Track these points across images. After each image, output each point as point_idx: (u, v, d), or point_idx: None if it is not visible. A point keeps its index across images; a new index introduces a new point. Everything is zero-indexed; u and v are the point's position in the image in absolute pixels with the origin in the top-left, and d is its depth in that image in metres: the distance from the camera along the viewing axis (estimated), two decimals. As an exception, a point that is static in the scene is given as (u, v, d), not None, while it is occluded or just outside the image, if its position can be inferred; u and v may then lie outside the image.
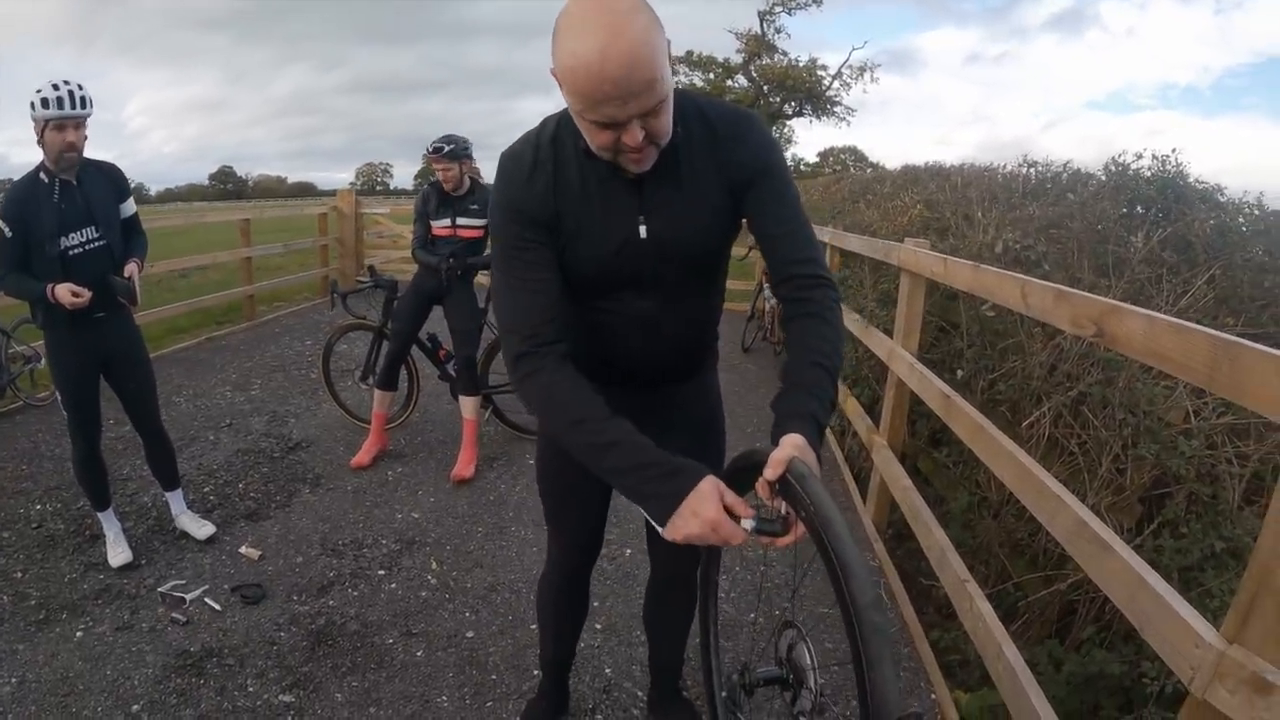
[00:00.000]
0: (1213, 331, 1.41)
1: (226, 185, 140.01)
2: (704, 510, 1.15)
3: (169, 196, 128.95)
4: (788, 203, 1.44)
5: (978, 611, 2.38)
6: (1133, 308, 1.71)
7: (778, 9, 36.61)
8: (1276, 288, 3.59)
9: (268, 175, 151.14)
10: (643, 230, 1.42)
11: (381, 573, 3.31)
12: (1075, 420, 3.12)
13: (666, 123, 1.27)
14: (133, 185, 3.43)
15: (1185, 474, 2.74)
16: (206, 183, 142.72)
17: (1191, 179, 4.96)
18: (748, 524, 1.15)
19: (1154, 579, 1.54)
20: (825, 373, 1.32)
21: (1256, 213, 4.67)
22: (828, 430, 5.45)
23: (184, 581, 3.18)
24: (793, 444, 1.16)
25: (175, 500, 3.64)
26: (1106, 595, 1.71)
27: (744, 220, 1.49)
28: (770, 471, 1.14)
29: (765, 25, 36.73)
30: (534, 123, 1.48)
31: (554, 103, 2.66)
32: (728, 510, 1.16)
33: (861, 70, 36.80)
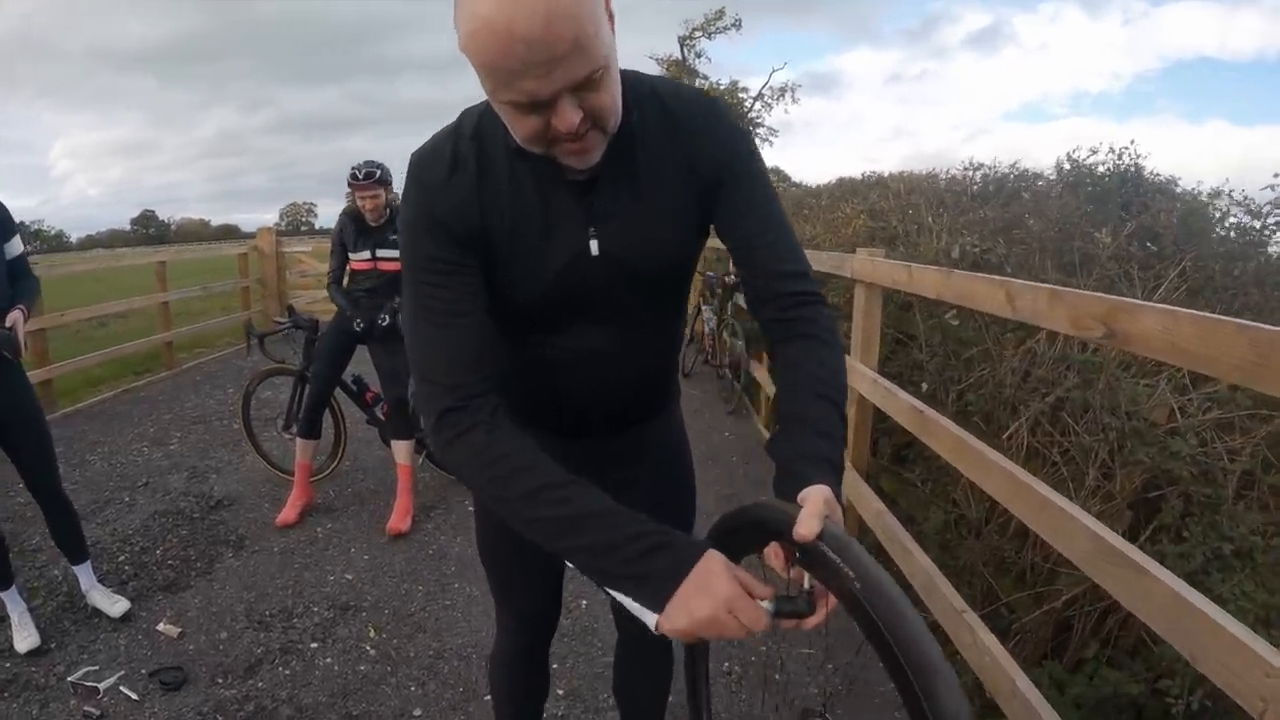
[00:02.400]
0: (1244, 322, 1.31)
1: (149, 230, 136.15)
2: (716, 586, 0.88)
3: (90, 243, 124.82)
4: (766, 205, 1.17)
5: (983, 645, 2.18)
6: (1146, 303, 1.57)
7: (698, 34, 36.88)
8: (1245, 275, 3.53)
9: (191, 219, 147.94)
10: (594, 245, 1.14)
11: (315, 645, 2.98)
12: (1054, 427, 2.95)
13: (612, 99, 0.99)
14: (53, 233, 3.09)
15: (1184, 475, 2.58)
16: (129, 228, 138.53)
17: (1145, 172, 4.93)
18: (765, 606, 0.89)
19: (1201, 601, 1.40)
20: (833, 406, 1.06)
21: (1225, 203, 4.62)
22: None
23: (97, 667, 2.84)
24: (821, 500, 0.89)
25: (84, 574, 3.26)
26: (1145, 621, 1.56)
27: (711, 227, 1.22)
28: (800, 535, 0.86)
29: (686, 50, 36.97)
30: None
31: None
32: None
33: (782, 91, 37.22)
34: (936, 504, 3.37)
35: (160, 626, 3.10)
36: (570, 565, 1.03)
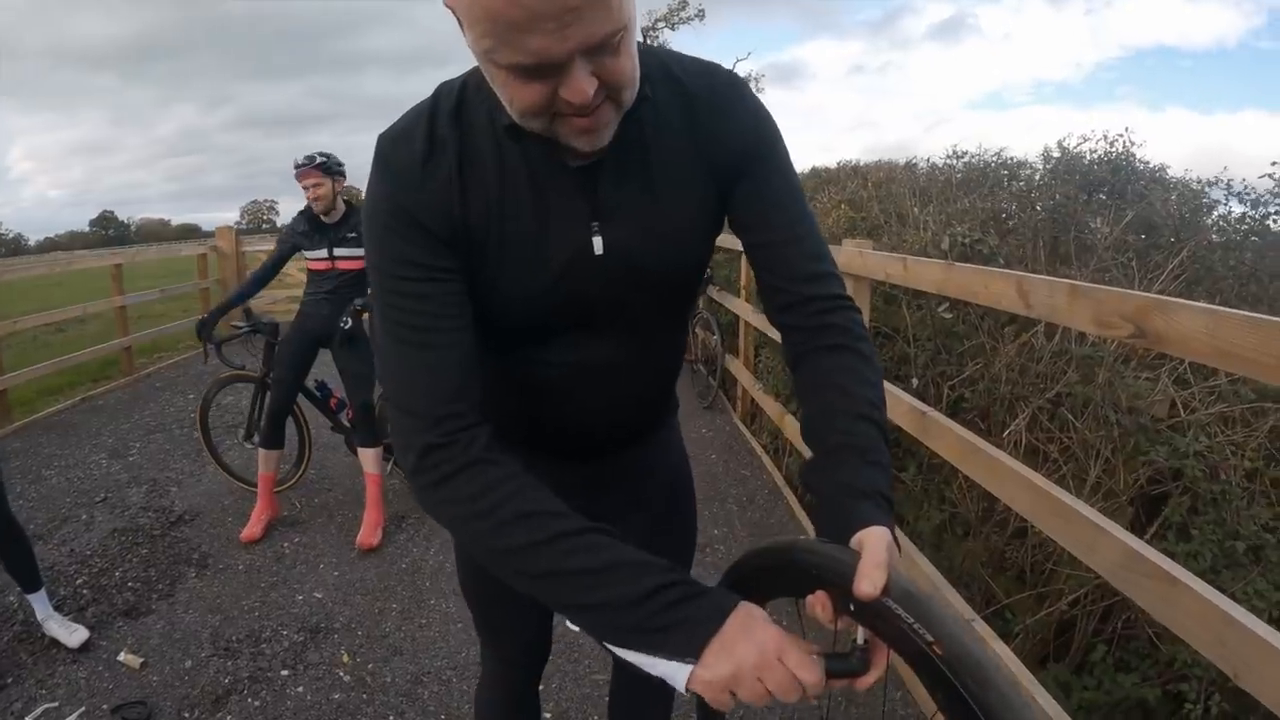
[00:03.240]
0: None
1: (108, 231, 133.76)
2: (763, 632, 0.75)
3: (50, 246, 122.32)
4: (791, 198, 1.02)
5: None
6: (1184, 302, 1.45)
7: (660, 25, 36.72)
8: (1244, 266, 3.47)
9: (151, 218, 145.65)
10: (598, 243, 0.97)
11: (285, 673, 2.81)
12: (1053, 424, 2.85)
13: (632, 66, 0.83)
14: (11, 236, 2.88)
15: (1195, 472, 2.49)
16: (88, 229, 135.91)
17: (1137, 160, 4.86)
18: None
19: (1247, 618, 1.31)
20: (877, 429, 0.91)
21: (1222, 193, 4.57)
22: (762, 450, 5.13)
23: (57, 704, 2.65)
24: (883, 546, 0.76)
25: (39, 603, 3.05)
26: (1181, 635, 1.48)
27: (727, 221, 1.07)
28: (863, 592, 0.72)
29: (649, 42, 36.86)
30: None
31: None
32: None
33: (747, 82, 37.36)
34: (931, 503, 3.26)
35: (122, 657, 2.92)
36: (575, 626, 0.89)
